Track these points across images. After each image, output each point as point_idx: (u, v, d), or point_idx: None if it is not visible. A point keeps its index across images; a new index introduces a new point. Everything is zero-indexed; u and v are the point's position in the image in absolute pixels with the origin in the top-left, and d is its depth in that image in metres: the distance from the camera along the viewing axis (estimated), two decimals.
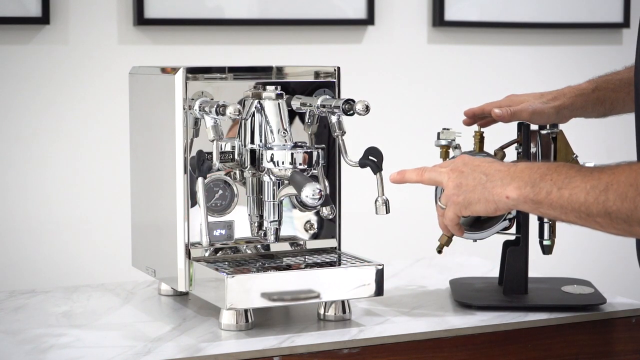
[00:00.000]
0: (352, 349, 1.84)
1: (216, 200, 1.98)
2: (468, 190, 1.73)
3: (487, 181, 1.71)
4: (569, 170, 1.59)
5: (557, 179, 1.59)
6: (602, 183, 1.53)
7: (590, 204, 1.54)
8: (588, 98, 2.10)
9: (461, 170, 1.76)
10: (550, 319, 1.98)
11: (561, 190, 1.58)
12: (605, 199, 1.52)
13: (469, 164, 1.75)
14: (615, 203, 1.52)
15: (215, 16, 2.96)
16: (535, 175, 1.62)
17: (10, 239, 2.81)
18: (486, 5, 3.27)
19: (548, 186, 1.60)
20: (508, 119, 2.08)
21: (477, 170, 1.73)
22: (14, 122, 2.79)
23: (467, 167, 1.75)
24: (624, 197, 1.50)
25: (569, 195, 1.57)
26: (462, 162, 1.77)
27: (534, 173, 1.63)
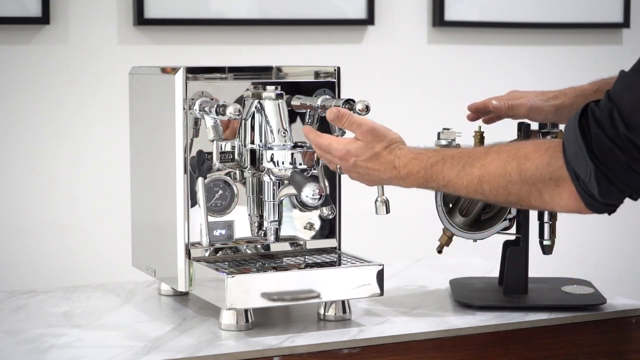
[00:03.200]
0: (352, 349, 1.84)
1: (216, 200, 1.98)
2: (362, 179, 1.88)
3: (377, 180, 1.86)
4: (446, 170, 1.75)
5: (438, 179, 1.77)
6: (475, 178, 1.70)
7: (473, 195, 1.73)
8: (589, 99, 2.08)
9: (352, 171, 1.87)
10: (550, 319, 1.98)
11: (446, 187, 1.77)
12: (482, 191, 1.70)
13: (358, 169, 1.86)
14: (491, 193, 1.69)
15: (215, 16, 2.96)
16: (420, 180, 1.80)
17: (10, 239, 2.80)
18: (486, 5, 3.27)
19: (434, 186, 1.79)
20: (505, 111, 2.09)
21: (368, 175, 1.86)
22: (14, 122, 2.79)
23: (356, 170, 1.87)
24: (497, 188, 1.68)
25: (453, 192, 1.77)
26: (352, 166, 1.86)
27: (419, 178, 1.80)
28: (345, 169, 1.87)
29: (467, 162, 1.72)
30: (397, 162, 1.82)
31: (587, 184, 1.56)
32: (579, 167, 1.57)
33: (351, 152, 1.84)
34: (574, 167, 1.57)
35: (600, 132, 1.54)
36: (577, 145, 1.56)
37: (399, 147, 1.84)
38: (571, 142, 1.58)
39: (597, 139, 1.54)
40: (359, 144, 1.84)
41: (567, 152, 1.58)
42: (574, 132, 1.57)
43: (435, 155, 1.79)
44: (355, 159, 1.84)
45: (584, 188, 1.57)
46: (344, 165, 1.86)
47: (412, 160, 1.81)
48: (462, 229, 2.08)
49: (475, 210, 2.09)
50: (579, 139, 1.56)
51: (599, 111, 1.56)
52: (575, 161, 1.57)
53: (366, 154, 1.84)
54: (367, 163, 1.84)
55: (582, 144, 1.55)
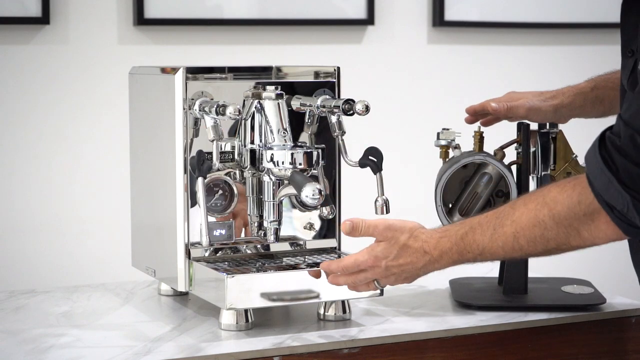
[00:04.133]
0: (352, 349, 1.84)
1: (216, 200, 1.98)
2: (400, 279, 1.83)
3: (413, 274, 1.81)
4: (478, 238, 1.71)
5: (472, 250, 1.72)
6: (510, 236, 1.67)
7: (511, 255, 1.70)
8: (587, 97, 2.10)
9: (388, 276, 1.81)
10: (550, 319, 1.98)
11: (482, 255, 1.72)
12: (520, 247, 1.67)
13: (392, 270, 1.80)
14: (529, 247, 1.67)
15: (215, 16, 2.96)
16: (455, 256, 1.75)
17: (10, 239, 2.80)
18: (486, 5, 3.27)
19: (470, 257, 1.74)
20: (504, 113, 2.09)
21: (404, 273, 1.81)
22: (14, 122, 2.79)
23: (391, 273, 1.81)
24: (534, 239, 1.66)
25: (490, 257, 1.73)
26: (384, 270, 1.80)
27: (453, 254, 1.75)
28: (381, 277, 1.81)
29: (497, 224, 1.69)
30: (427, 247, 1.77)
31: (626, 214, 1.54)
32: (612, 199, 1.54)
33: (379, 257, 1.79)
34: (606, 199, 1.55)
35: (626, 162, 1.51)
36: (606, 178, 1.54)
37: (422, 232, 1.79)
38: (597, 176, 1.55)
39: (624, 169, 1.52)
40: (382, 245, 1.79)
41: (595, 185, 1.55)
42: (598, 165, 1.54)
43: (462, 227, 1.74)
44: (385, 261, 1.78)
45: (621, 218, 1.55)
46: (378, 273, 1.80)
47: (441, 240, 1.76)
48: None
49: (475, 210, 2.09)
50: (605, 172, 1.53)
51: (620, 140, 1.53)
52: (607, 194, 1.54)
53: (393, 252, 1.78)
54: (398, 260, 1.78)
55: (611, 176, 1.53)
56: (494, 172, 2.08)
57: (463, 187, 2.10)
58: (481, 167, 2.09)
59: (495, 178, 2.08)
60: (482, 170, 2.08)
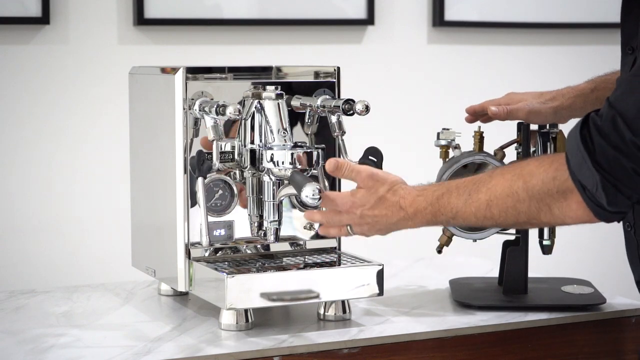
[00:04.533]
0: (352, 349, 1.84)
1: (216, 200, 1.98)
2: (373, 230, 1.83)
3: (387, 227, 1.81)
4: (453, 200, 1.72)
5: (446, 212, 1.74)
6: (483, 203, 1.68)
7: (482, 221, 1.70)
8: (587, 98, 2.10)
9: (361, 224, 1.82)
10: (550, 319, 1.98)
11: (455, 219, 1.73)
12: (491, 215, 1.68)
13: (367, 219, 1.81)
14: (500, 216, 1.67)
15: (215, 16, 2.96)
16: (428, 216, 1.76)
17: (10, 239, 2.80)
18: (486, 5, 3.27)
19: (443, 219, 1.75)
20: (504, 116, 2.08)
21: (378, 224, 1.81)
22: (14, 123, 2.79)
23: (365, 222, 1.82)
24: (506, 210, 1.66)
25: (463, 222, 1.73)
26: (359, 218, 1.82)
27: (427, 214, 1.76)
28: (354, 224, 1.82)
29: (473, 189, 1.70)
30: (403, 202, 1.77)
31: (595, 194, 1.55)
32: (584, 178, 1.55)
33: (356, 203, 1.80)
34: (579, 178, 1.56)
35: (603, 142, 1.53)
36: (581, 156, 1.55)
37: (402, 187, 1.79)
38: (574, 154, 1.56)
39: (600, 149, 1.53)
40: (362, 192, 1.80)
41: (571, 163, 1.57)
42: (577, 143, 1.56)
43: (439, 188, 1.75)
44: (362, 209, 1.80)
45: (591, 198, 1.56)
46: (352, 219, 1.81)
47: (417, 198, 1.77)
48: (462, 229, 2.08)
49: None
50: (581, 149, 1.55)
51: (601, 120, 1.54)
52: (580, 172, 1.56)
53: (370, 201, 1.79)
54: (374, 210, 1.79)
55: (586, 154, 1.54)
56: None
57: None
58: (481, 167, 2.09)
59: None
60: (482, 170, 2.08)
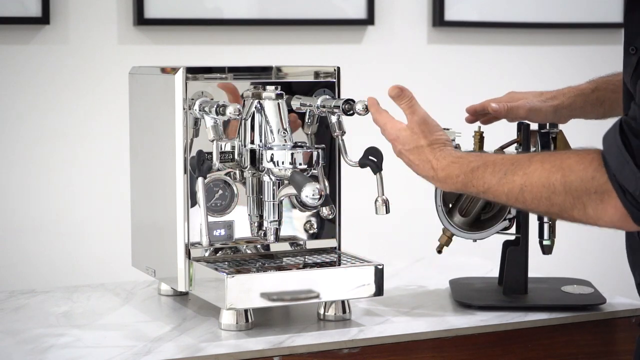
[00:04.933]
0: (352, 349, 1.84)
1: (216, 200, 1.98)
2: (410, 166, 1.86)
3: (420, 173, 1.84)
4: (487, 176, 1.71)
5: (477, 185, 1.73)
6: (517, 186, 1.65)
7: (513, 203, 1.68)
8: (587, 98, 2.10)
9: (400, 156, 1.87)
10: (550, 319, 1.98)
11: (485, 193, 1.72)
12: (523, 200, 1.65)
13: (402, 157, 1.86)
14: (532, 203, 1.64)
15: (215, 16, 2.96)
16: (459, 185, 1.76)
17: (10, 239, 2.80)
18: (486, 5, 3.27)
19: (473, 191, 1.74)
20: (504, 114, 2.08)
21: (410, 166, 1.85)
22: (14, 122, 2.79)
23: (401, 158, 1.86)
24: (540, 198, 1.62)
25: (492, 198, 1.72)
26: (398, 153, 1.86)
27: (458, 182, 1.76)
28: (395, 152, 1.87)
29: (510, 170, 1.67)
30: (436, 164, 1.79)
31: (637, 197, 1.51)
32: (625, 180, 1.51)
33: (399, 139, 1.84)
34: (620, 180, 1.52)
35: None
36: (623, 158, 1.51)
37: (441, 148, 1.81)
38: (614, 156, 1.53)
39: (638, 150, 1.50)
40: (407, 133, 1.84)
41: (611, 165, 1.53)
42: (617, 145, 1.52)
43: (476, 160, 1.74)
44: (401, 147, 1.84)
45: (632, 202, 1.52)
46: (394, 146, 1.87)
47: (452, 164, 1.77)
48: (462, 229, 2.08)
49: (475, 210, 2.09)
50: (623, 152, 1.51)
51: (636, 123, 1.51)
52: (622, 175, 1.52)
53: (410, 144, 1.83)
54: (410, 155, 1.83)
55: (628, 156, 1.51)
56: None
57: None
58: None
59: None
60: None
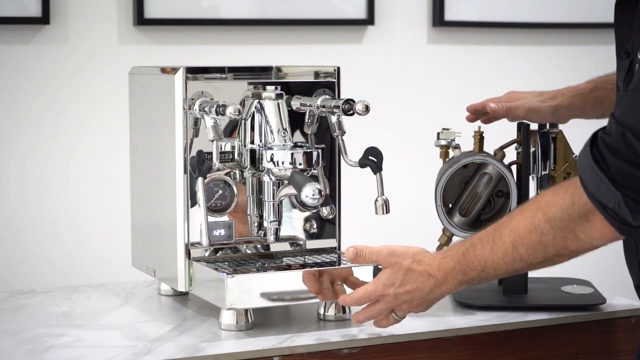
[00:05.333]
0: (352, 349, 1.84)
1: (216, 200, 1.98)
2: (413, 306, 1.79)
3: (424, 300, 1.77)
4: (478, 252, 1.68)
5: (474, 266, 1.69)
6: (509, 246, 1.64)
7: (513, 267, 1.66)
8: (587, 98, 2.10)
9: (401, 305, 1.78)
10: (550, 319, 1.98)
11: (485, 270, 1.69)
12: (520, 257, 1.64)
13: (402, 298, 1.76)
14: (529, 255, 1.63)
15: (215, 16, 2.96)
16: (459, 276, 1.71)
17: (10, 239, 2.80)
18: (486, 5, 3.27)
19: (474, 275, 1.70)
20: (503, 114, 2.08)
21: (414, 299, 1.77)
22: (14, 122, 2.79)
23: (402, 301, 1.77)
24: (533, 246, 1.62)
25: (494, 272, 1.69)
26: (394, 299, 1.77)
27: (457, 274, 1.71)
28: (394, 307, 1.77)
29: (496, 235, 1.66)
30: (430, 269, 1.72)
31: (618, 212, 1.52)
32: (604, 198, 1.53)
33: (386, 284, 1.75)
34: (598, 198, 1.53)
35: (616, 160, 1.50)
36: (596, 176, 1.52)
37: (425, 256, 1.75)
38: (588, 174, 1.54)
39: (615, 167, 1.51)
40: (387, 272, 1.75)
41: (587, 184, 1.54)
42: (589, 164, 1.53)
43: (463, 244, 1.71)
44: (393, 289, 1.74)
45: (614, 216, 1.53)
46: (390, 302, 1.76)
47: (443, 260, 1.72)
48: (462, 228, 2.08)
49: (474, 210, 2.09)
50: (595, 170, 1.52)
51: (611, 138, 1.52)
52: (598, 192, 1.53)
53: (398, 278, 1.74)
54: (405, 287, 1.74)
55: (601, 174, 1.51)
56: (494, 172, 2.08)
57: (463, 187, 2.10)
58: (481, 167, 2.09)
59: (495, 178, 2.08)
60: (482, 170, 2.09)
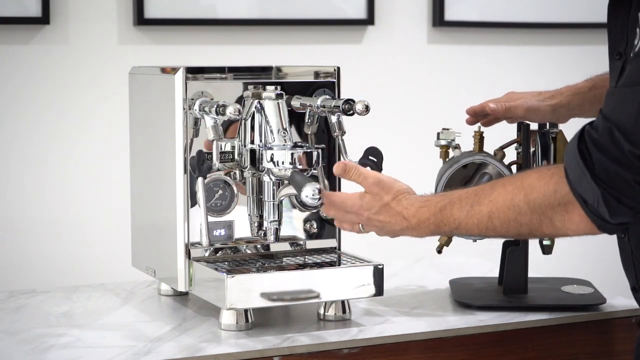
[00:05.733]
0: (352, 349, 1.84)
1: (216, 200, 1.98)
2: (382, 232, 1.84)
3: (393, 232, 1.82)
4: (455, 212, 1.72)
5: (449, 223, 1.73)
6: (485, 215, 1.68)
7: (484, 232, 1.70)
8: (585, 96, 2.10)
9: (369, 225, 1.83)
10: (550, 319, 1.98)
11: (458, 229, 1.74)
12: (493, 227, 1.68)
13: (373, 223, 1.82)
14: (502, 228, 1.67)
15: (215, 16, 2.96)
16: (432, 227, 1.76)
17: (10, 239, 2.80)
18: (486, 5, 3.27)
19: (446, 230, 1.75)
20: (502, 113, 2.09)
21: (384, 229, 1.82)
22: (14, 122, 2.79)
23: (372, 224, 1.83)
24: (508, 222, 1.66)
25: (466, 233, 1.74)
26: (366, 220, 1.83)
27: (430, 225, 1.76)
28: (364, 224, 1.83)
29: (475, 201, 1.69)
30: (406, 213, 1.77)
31: (597, 208, 1.54)
32: (584, 192, 1.54)
33: (363, 206, 1.81)
34: (579, 192, 1.55)
35: (602, 156, 1.52)
36: (580, 170, 1.54)
37: (406, 197, 1.79)
38: (573, 168, 1.56)
39: (599, 163, 1.52)
40: (368, 197, 1.81)
41: (570, 177, 1.56)
42: (575, 158, 1.55)
43: (442, 199, 1.75)
44: (368, 213, 1.81)
45: (593, 211, 1.55)
46: (362, 220, 1.82)
47: (420, 209, 1.77)
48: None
49: None
50: (580, 164, 1.54)
51: (598, 133, 1.53)
52: (580, 186, 1.55)
53: (375, 206, 1.80)
54: (379, 216, 1.80)
55: (585, 169, 1.53)
56: (494, 172, 2.08)
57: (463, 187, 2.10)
58: (481, 167, 2.09)
59: (495, 178, 2.08)
60: (482, 170, 2.09)
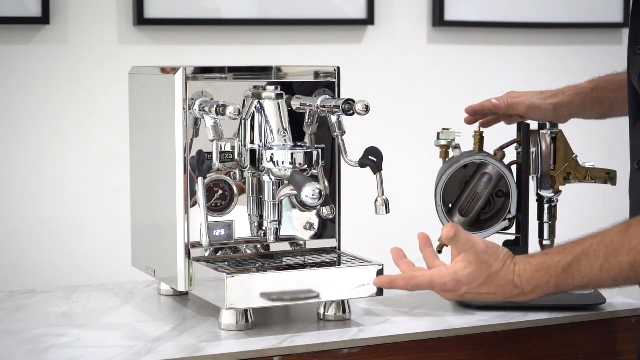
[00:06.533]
0: (352, 349, 1.84)
1: (216, 200, 1.98)
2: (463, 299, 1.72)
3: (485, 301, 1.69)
4: (584, 269, 1.61)
5: (574, 282, 1.62)
6: (626, 266, 1.57)
7: (622, 283, 1.60)
8: (587, 97, 2.10)
9: (455, 297, 1.69)
10: (550, 319, 1.98)
11: (586, 285, 1.63)
12: (636, 276, 1.57)
13: (466, 297, 1.68)
14: None
15: (215, 16, 2.96)
16: (551, 289, 1.64)
17: (10, 239, 2.80)
18: (486, 5, 3.27)
19: (568, 289, 1.64)
20: (504, 109, 2.08)
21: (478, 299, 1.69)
22: (14, 122, 2.79)
23: (463, 298, 1.69)
24: None
25: (595, 286, 1.63)
26: (460, 295, 1.68)
27: (550, 287, 1.63)
28: (450, 298, 1.69)
29: (609, 254, 1.58)
30: (518, 280, 1.64)
31: None
32: None
33: (462, 282, 1.65)
34: None
35: None
36: None
37: (515, 262, 1.66)
38: None
39: None
40: (471, 269, 1.64)
41: None
42: None
43: (563, 257, 1.62)
44: (467, 288, 1.65)
45: None
46: (450, 295, 1.67)
47: (537, 272, 1.64)
48: (462, 228, 2.07)
49: (475, 210, 2.09)
50: None
51: None
52: None
53: (480, 278, 1.64)
54: (481, 289, 1.65)
55: None
56: (494, 172, 2.08)
57: (463, 187, 2.10)
58: (481, 167, 2.09)
59: (495, 178, 2.08)
60: (482, 170, 2.09)
